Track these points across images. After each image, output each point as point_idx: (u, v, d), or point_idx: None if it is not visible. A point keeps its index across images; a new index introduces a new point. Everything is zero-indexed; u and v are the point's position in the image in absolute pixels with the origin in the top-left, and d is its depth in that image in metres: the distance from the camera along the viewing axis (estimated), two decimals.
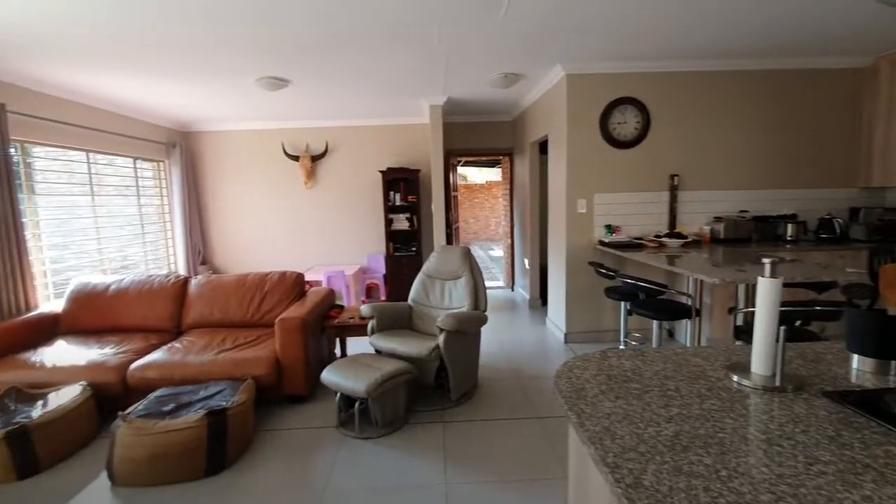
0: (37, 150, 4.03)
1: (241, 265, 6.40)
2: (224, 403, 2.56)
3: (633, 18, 3.02)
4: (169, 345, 3.31)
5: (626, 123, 4.12)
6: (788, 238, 4.02)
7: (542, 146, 5.38)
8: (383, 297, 6.15)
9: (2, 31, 2.86)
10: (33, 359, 3.06)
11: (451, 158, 6.43)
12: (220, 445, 2.44)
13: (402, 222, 6.04)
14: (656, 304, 3.17)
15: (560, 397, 1.19)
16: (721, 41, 3.54)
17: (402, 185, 5.99)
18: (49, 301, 3.91)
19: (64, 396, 2.75)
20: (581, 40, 3.41)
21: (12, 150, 3.53)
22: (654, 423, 1.04)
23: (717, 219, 4.16)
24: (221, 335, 3.44)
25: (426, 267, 3.72)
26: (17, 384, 2.90)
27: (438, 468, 2.46)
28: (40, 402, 2.73)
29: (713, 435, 0.98)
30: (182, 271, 5.80)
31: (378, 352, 3.28)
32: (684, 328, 3.97)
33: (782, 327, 1.21)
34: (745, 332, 2.37)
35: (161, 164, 5.74)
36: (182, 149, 5.77)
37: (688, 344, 3.44)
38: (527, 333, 4.79)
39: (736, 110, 4.17)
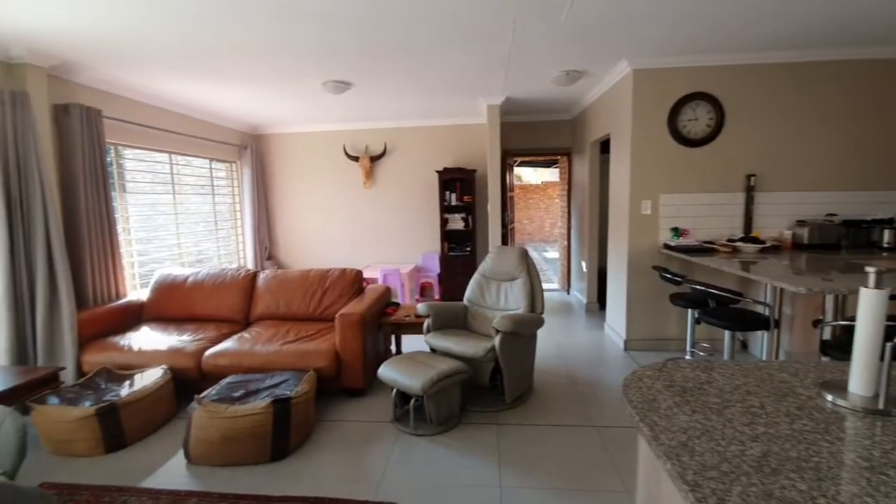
0: (126, 152, 4.42)
1: (303, 261, 6.69)
2: (288, 393, 2.68)
3: (709, 6, 2.84)
4: (238, 335, 3.51)
5: (696, 120, 3.89)
6: (885, 245, 3.62)
7: (604, 145, 5.20)
8: (437, 297, 6.20)
9: (100, 45, 3.16)
10: (122, 342, 3.36)
11: (508, 158, 6.37)
12: (284, 432, 2.56)
13: (457, 222, 6.06)
14: (729, 313, 2.97)
15: (629, 408, 1.14)
16: (812, 28, 3.25)
17: (457, 185, 6.01)
18: (135, 290, 4.28)
19: (148, 378, 3.00)
20: (648, 33, 3.25)
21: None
22: (737, 442, 0.97)
23: (801, 222, 3.83)
24: (286, 327, 3.61)
25: (482, 267, 3.70)
26: (108, 365, 3.20)
27: (493, 470, 2.44)
28: (127, 383, 2.99)
29: (807, 458, 0.90)
30: (250, 266, 6.16)
31: (433, 350, 3.31)
32: (760, 340, 3.68)
33: (888, 344, 1.09)
34: (834, 348, 2.16)
35: (234, 164, 6.12)
36: (252, 150, 6.12)
37: (763, 357, 3.19)
38: (583, 338, 4.65)
39: (826, 104, 3.82)
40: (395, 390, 2.94)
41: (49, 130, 3.43)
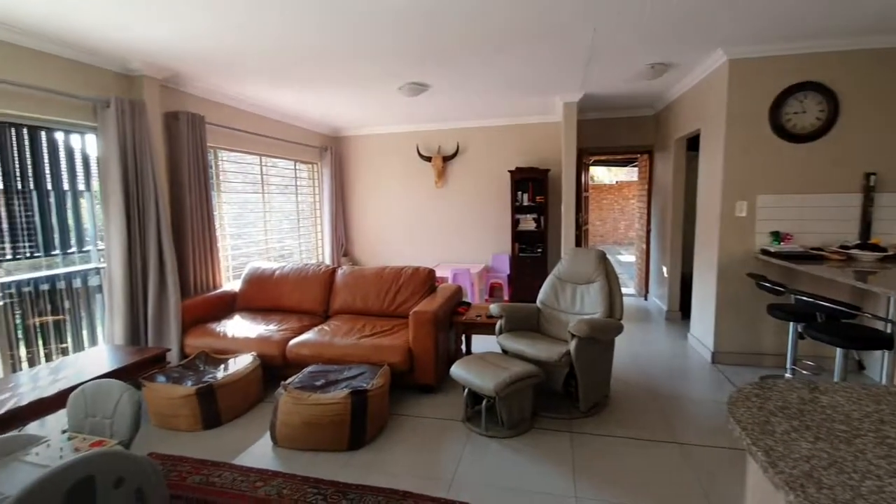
0: (223, 155, 4.82)
1: (376, 258, 6.92)
2: (365, 385, 2.77)
3: None
4: (319, 327, 3.70)
5: (804, 113, 3.50)
6: None
7: (691, 142, 4.86)
8: (507, 297, 6.14)
9: (204, 59, 3.46)
10: (218, 329, 3.67)
11: (584, 157, 6.15)
12: (361, 423, 2.65)
13: (528, 223, 5.95)
14: (842, 328, 2.64)
15: (738, 429, 1.04)
16: None
17: (530, 185, 5.90)
18: (229, 282, 4.66)
19: (240, 363, 3.24)
20: (748, 18, 2.98)
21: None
22: (873, 476, 0.85)
23: None
24: (362, 322, 3.74)
25: (557, 269, 3.60)
26: (206, 349, 3.51)
27: (567, 479, 2.36)
28: (222, 366, 3.25)
29: None
30: (328, 261, 6.47)
31: (504, 352, 3.27)
32: (880, 361, 3.25)
33: None
34: None
35: (315, 165, 6.47)
36: (332, 152, 6.43)
37: (884, 380, 2.80)
38: (664, 348, 4.37)
39: None
40: (466, 390, 2.94)
41: (161, 135, 3.81)
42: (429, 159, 6.42)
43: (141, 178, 3.53)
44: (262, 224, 5.44)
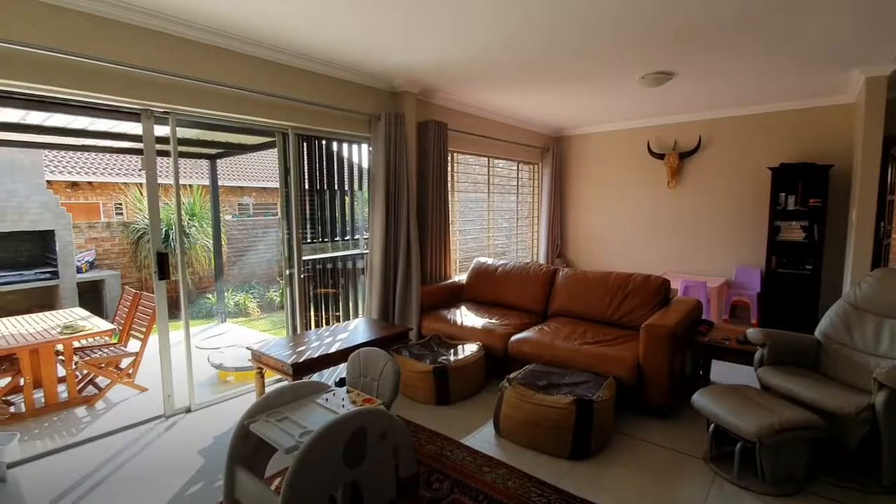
0: (457, 157, 5.27)
1: (591, 261, 6.63)
2: (590, 395, 2.64)
3: None
4: (539, 326, 3.71)
5: None
6: None
7: None
8: (754, 320, 5.10)
9: (453, 73, 3.80)
10: (448, 316, 4.04)
11: (893, 149, 4.62)
12: (585, 433, 2.53)
13: (793, 231, 4.81)
14: None
15: None
16: None
17: (800, 184, 4.75)
18: (456, 274, 5.10)
19: (467, 350, 3.49)
20: None
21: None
22: None
23: None
24: (582, 328, 3.60)
25: (852, 295, 2.77)
26: (438, 333, 3.89)
27: None
28: (452, 350, 3.56)
29: None
30: (542, 261, 6.50)
31: (764, 388, 2.69)
32: None
33: None
34: None
35: (536, 166, 6.56)
36: (553, 152, 6.40)
37: None
38: None
39: None
40: (713, 425, 2.52)
41: (413, 142, 4.38)
42: (661, 157, 5.80)
43: (398, 179, 4.12)
44: (484, 222, 5.79)
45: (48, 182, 7.48)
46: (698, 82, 4.21)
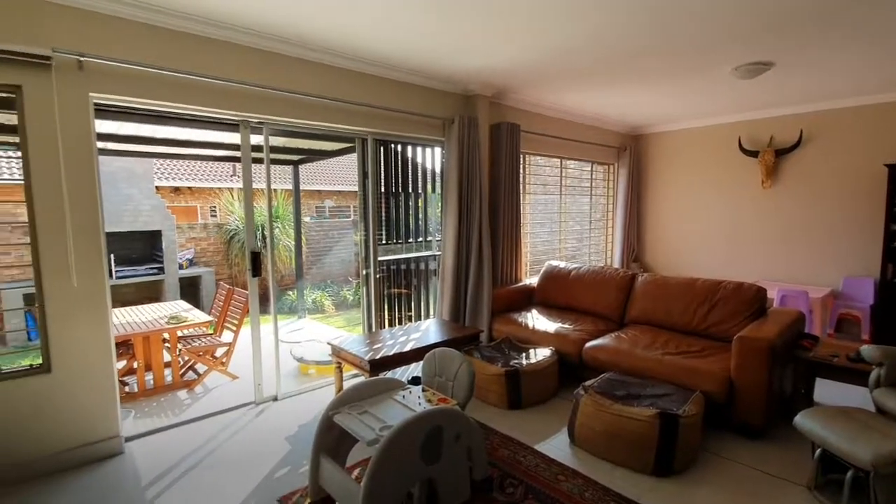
0: (529, 159, 5.20)
1: (670, 266, 6.24)
2: (675, 409, 2.48)
3: None
4: (615, 333, 3.56)
5: None
6: None
7: None
8: (866, 336, 4.54)
9: (527, 74, 3.76)
10: (520, 319, 3.99)
11: None
12: (669, 450, 2.38)
13: None
14: None
15: None
16: None
17: None
18: (527, 277, 5.02)
19: (540, 355, 3.43)
20: None
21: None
22: None
23: None
24: (664, 337, 3.40)
25: None
26: (509, 336, 3.85)
27: None
28: (524, 354, 3.51)
29: None
30: (616, 265, 6.23)
31: (880, 412, 2.38)
32: None
33: None
34: None
35: (611, 166, 6.30)
36: (630, 151, 6.12)
37: None
38: None
39: None
40: (819, 450, 2.27)
41: (486, 144, 4.39)
42: (755, 154, 5.33)
43: (470, 182, 4.14)
44: (555, 225, 5.66)
45: (157, 187, 8.38)
46: (801, 71, 3.82)
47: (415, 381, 2.65)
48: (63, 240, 2.43)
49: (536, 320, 3.94)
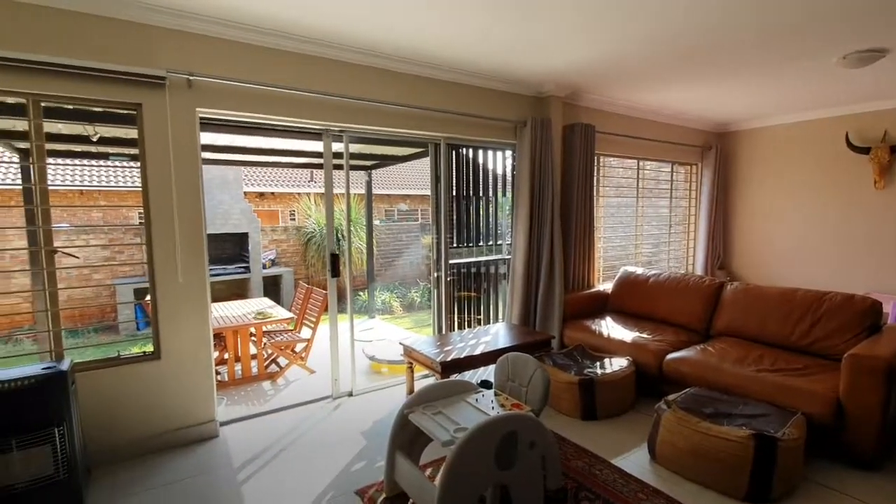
0: (604, 161, 5.01)
1: (761, 275, 5.72)
2: (772, 431, 2.27)
3: None
4: (700, 346, 3.32)
5: None
6: None
7: None
8: None
9: (605, 72, 3.62)
10: (593, 326, 3.85)
11: None
12: (766, 475, 2.18)
13: None
14: None
15: None
16: None
17: None
18: (599, 282, 4.84)
19: (615, 364, 3.28)
20: None
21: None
22: None
23: None
24: (757, 352, 3.12)
25: None
26: (582, 343, 3.73)
27: None
28: (598, 363, 3.38)
29: None
30: (699, 272, 5.82)
31: None
32: None
33: None
34: None
35: (694, 167, 5.91)
36: (717, 150, 5.70)
37: None
38: None
39: None
40: None
41: (559, 146, 4.29)
42: (865, 151, 4.76)
43: (542, 185, 4.07)
44: (630, 229, 5.41)
45: (244, 193, 9.09)
46: None
47: (485, 384, 2.64)
48: (172, 240, 2.70)
49: (611, 328, 3.78)
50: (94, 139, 3.76)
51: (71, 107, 2.62)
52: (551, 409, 3.24)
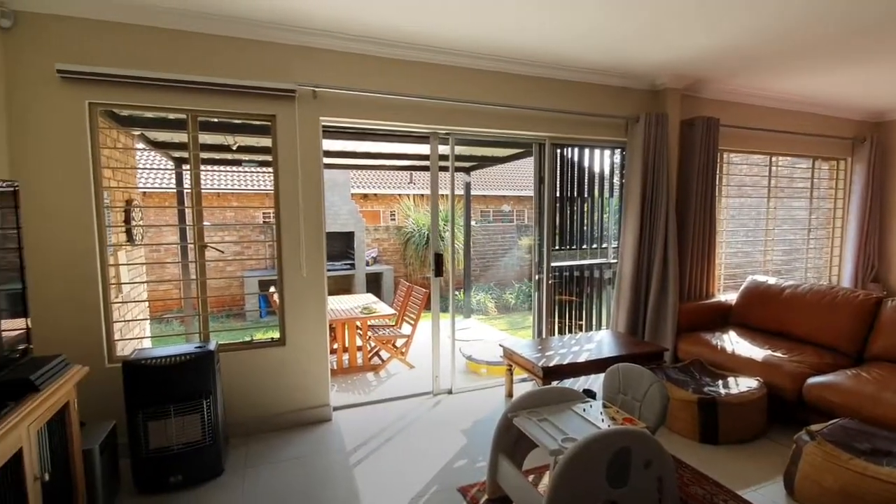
0: (728, 157, 4.52)
1: None
2: None
3: None
4: (851, 371, 2.85)
5: None
6: None
7: None
8: None
9: (730, 61, 3.25)
10: (713, 340, 3.49)
11: None
12: None
13: None
14: None
15: None
16: None
17: None
18: (720, 292, 4.38)
19: (742, 384, 2.94)
20: None
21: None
22: None
23: None
24: None
25: None
26: (700, 358, 3.40)
27: None
28: (720, 381, 3.05)
29: None
30: (845, 285, 5.01)
31: None
32: None
33: None
34: None
35: (842, 162, 5.10)
36: (872, 143, 4.86)
37: None
38: None
39: None
40: None
41: (675, 143, 3.96)
42: None
43: (655, 185, 3.79)
44: (758, 233, 4.81)
45: (352, 194, 9.73)
46: None
47: (588, 393, 2.52)
48: (298, 238, 2.97)
49: (736, 344, 3.40)
50: (234, 147, 4.28)
51: (216, 120, 2.99)
52: (664, 427, 3.00)
